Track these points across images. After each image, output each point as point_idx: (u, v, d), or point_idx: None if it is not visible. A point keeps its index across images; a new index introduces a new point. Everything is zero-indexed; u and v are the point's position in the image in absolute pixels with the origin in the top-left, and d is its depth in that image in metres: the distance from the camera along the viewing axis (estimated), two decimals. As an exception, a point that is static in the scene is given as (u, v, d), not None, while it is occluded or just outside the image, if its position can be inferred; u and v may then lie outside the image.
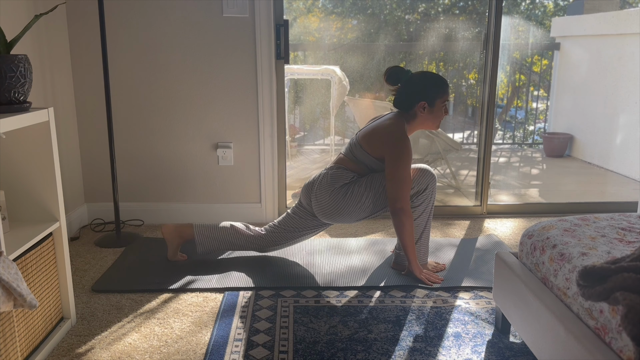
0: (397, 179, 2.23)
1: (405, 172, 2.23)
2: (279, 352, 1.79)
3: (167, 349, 1.82)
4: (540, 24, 6.18)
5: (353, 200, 2.31)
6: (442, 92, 2.31)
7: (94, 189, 3.09)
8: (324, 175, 2.39)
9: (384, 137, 2.30)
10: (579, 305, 1.44)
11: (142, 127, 3.02)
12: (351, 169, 2.38)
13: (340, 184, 2.33)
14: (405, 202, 2.23)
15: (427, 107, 2.31)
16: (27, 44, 2.44)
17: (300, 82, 4.83)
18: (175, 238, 2.49)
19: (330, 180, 2.35)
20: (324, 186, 2.35)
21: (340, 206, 2.33)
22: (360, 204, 2.32)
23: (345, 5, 5.16)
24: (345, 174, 2.35)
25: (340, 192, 2.32)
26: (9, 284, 1.34)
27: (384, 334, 1.91)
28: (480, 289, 2.27)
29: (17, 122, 1.60)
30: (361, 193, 2.30)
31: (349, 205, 2.32)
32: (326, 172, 2.39)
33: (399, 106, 2.36)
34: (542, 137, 5.74)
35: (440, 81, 2.33)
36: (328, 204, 2.34)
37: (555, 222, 1.79)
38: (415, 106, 2.31)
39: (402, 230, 2.25)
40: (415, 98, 2.30)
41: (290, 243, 2.54)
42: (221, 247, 2.47)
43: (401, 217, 2.23)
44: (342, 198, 2.32)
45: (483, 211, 3.28)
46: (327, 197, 2.34)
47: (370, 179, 2.33)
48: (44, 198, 1.83)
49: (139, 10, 2.87)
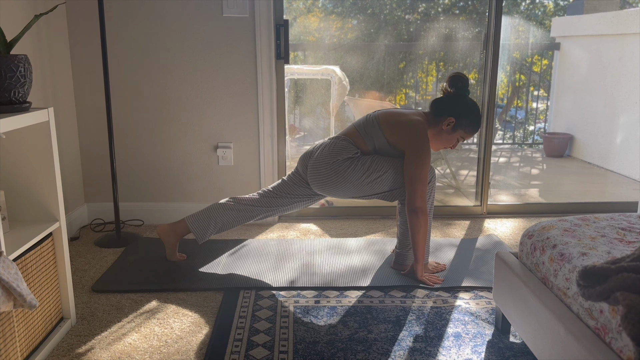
0: (417, 177, 2.23)
1: (425, 172, 2.25)
2: (279, 352, 1.79)
3: (167, 349, 1.82)
4: (540, 24, 6.17)
5: (352, 177, 2.28)
6: (471, 127, 2.35)
7: (94, 189, 3.09)
8: (327, 145, 2.36)
9: (411, 130, 2.29)
10: (579, 305, 1.44)
11: (142, 127, 3.02)
12: (357, 144, 2.35)
13: (344, 157, 2.30)
14: (424, 201, 2.24)
15: (452, 126, 2.32)
16: (27, 44, 2.44)
17: (300, 82, 4.83)
18: (171, 237, 2.48)
19: (333, 151, 2.32)
20: (324, 155, 2.33)
21: (337, 180, 2.30)
22: (358, 183, 2.29)
23: (345, 5, 5.16)
24: (350, 148, 2.32)
25: (341, 165, 2.29)
26: (9, 284, 1.34)
27: (384, 334, 1.91)
28: (480, 289, 2.27)
29: (17, 122, 1.60)
30: (362, 172, 2.28)
31: (347, 181, 2.29)
32: (330, 142, 2.36)
33: (435, 105, 2.36)
34: (542, 137, 5.74)
35: (477, 120, 2.36)
36: (325, 175, 2.31)
37: (555, 222, 1.79)
38: (446, 118, 2.32)
39: (417, 230, 2.24)
40: (452, 111, 2.32)
41: (282, 210, 2.48)
42: (217, 228, 2.44)
43: (419, 216, 2.23)
44: (342, 172, 2.29)
45: (483, 211, 3.28)
46: (326, 168, 2.31)
47: (374, 161, 2.30)
48: (44, 198, 1.83)
49: (139, 11, 2.87)
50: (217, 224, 2.44)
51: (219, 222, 2.44)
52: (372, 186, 2.31)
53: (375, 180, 2.29)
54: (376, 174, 2.29)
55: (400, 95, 5.33)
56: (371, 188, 2.31)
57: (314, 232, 2.99)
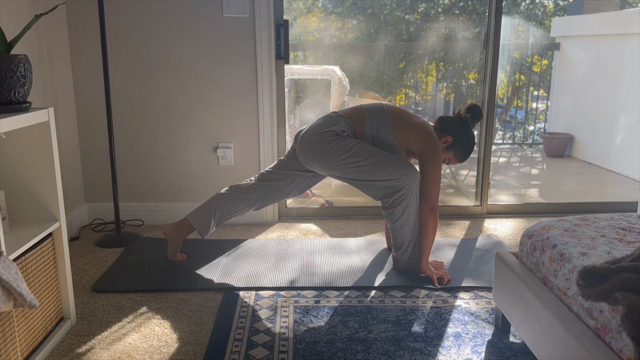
0: (435, 178, 2.29)
1: (439, 172, 2.30)
2: (279, 352, 1.79)
3: (167, 349, 1.82)
4: (540, 24, 6.17)
5: (332, 153, 2.28)
6: (461, 154, 2.44)
7: (94, 189, 3.09)
8: (320, 118, 2.40)
9: (426, 134, 2.33)
10: (579, 305, 1.44)
11: (142, 127, 3.02)
12: (354, 125, 2.36)
13: (332, 130, 2.31)
14: (437, 202, 2.30)
15: (447, 145, 2.40)
16: (27, 44, 2.44)
17: (300, 82, 4.83)
18: (176, 236, 2.49)
19: (323, 123, 2.35)
20: (315, 126, 2.36)
21: (318, 151, 2.30)
22: (335, 161, 2.28)
23: (345, 5, 5.16)
24: (341, 124, 2.33)
25: (326, 137, 2.30)
26: (9, 284, 1.34)
27: (384, 334, 1.91)
28: (480, 289, 2.27)
29: (17, 122, 1.60)
30: (342, 152, 2.27)
31: (325, 155, 2.29)
32: (325, 116, 2.39)
33: (442, 121, 2.45)
34: (542, 137, 5.74)
35: (469, 150, 2.45)
36: (310, 144, 2.32)
37: (555, 222, 1.79)
38: (446, 135, 2.40)
39: (427, 230, 2.29)
40: (454, 133, 2.40)
41: (279, 194, 2.48)
42: (217, 219, 2.44)
43: (430, 216, 2.28)
44: (325, 144, 2.29)
45: (483, 211, 3.28)
46: (313, 137, 2.33)
47: (359, 146, 2.29)
48: (44, 198, 1.83)
49: (139, 11, 2.87)
50: (217, 215, 2.44)
51: (219, 212, 2.44)
52: (345, 169, 2.29)
53: (351, 165, 2.28)
54: (354, 158, 2.27)
55: (400, 95, 5.33)
56: (345, 171, 2.30)
57: (314, 232, 2.99)
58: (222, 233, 2.96)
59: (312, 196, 3.61)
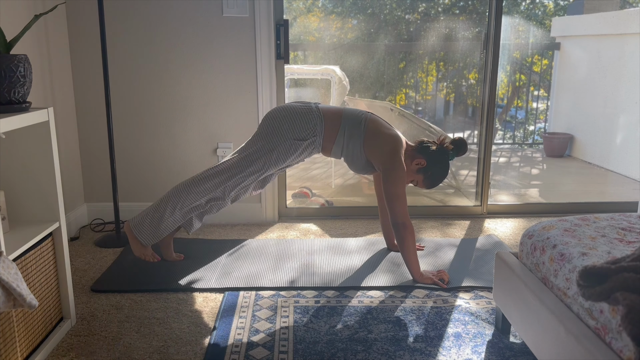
0: (392, 195, 2.25)
1: (401, 189, 2.26)
2: (279, 352, 1.79)
3: (167, 349, 1.82)
4: (540, 24, 6.18)
5: (279, 133, 2.30)
6: (429, 180, 2.39)
7: (94, 189, 3.09)
8: (304, 107, 2.36)
9: (387, 152, 2.28)
10: (579, 305, 1.44)
11: (142, 127, 3.02)
12: (327, 131, 2.32)
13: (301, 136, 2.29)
14: (405, 217, 2.25)
15: (419, 168, 2.36)
16: (27, 44, 2.44)
17: (300, 82, 4.83)
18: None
19: (302, 119, 2.31)
20: (292, 119, 2.32)
21: (270, 135, 2.31)
22: (263, 151, 2.30)
23: (345, 5, 5.16)
24: (313, 130, 2.30)
25: (290, 113, 2.31)
26: (8, 284, 1.34)
27: (384, 334, 1.91)
28: (480, 289, 2.27)
29: (17, 122, 1.60)
30: (275, 145, 2.29)
31: (274, 136, 2.30)
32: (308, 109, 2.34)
33: (422, 145, 2.40)
34: (542, 137, 5.74)
35: (439, 180, 2.41)
36: (275, 115, 2.33)
37: (555, 222, 1.79)
38: (420, 157, 2.36)
39: (401, 245, 2.28)
40: (430, 159, 2.36)
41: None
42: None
43: (401, 232, 2.25)
44: (283, 119, 2.30)
45: (483, 211, 3.28)
46: (281, 111, 2.33)
47: (280, 153, 2.29)
48: (44, 198, 1.83)
49: (139, 11, 2.87)
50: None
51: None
52: (254, 144, 2.32)
53: (259, 148, 2.31)
54: (264, 149, 2.30)
55: (400, 95, 5.33)
56: (253, 145, 2.33)
57: (314, 232, 2.99)
58: (222, 233, 2.96)
59: (312, 196, 3.61)
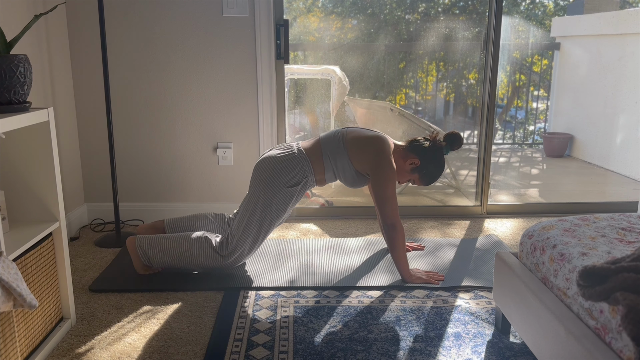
0: (383, 197, 2.26)
1: (391, 190, 2.26)
2: (279, 352, 1.79)
3: (167, 349, 1.82)
4: (540, 24, 6.18)
5: (265, 196, 2.27)
6: (426, 178, 2.38)
7: (94, 189, 3.09)
8: (285, 153, 2.32)
9: (372, 157, 2.28)
10: (579, 305, 1.44)
11: (142, 127, 3.02)
12: (314, 165, 2.30)
13: (287, 180, 2.27)
14: (395, 217, 2.26)
15: (413, 167, 2.35)
16: (27, 44, 2.44)
17: (300, 82, 4.83)
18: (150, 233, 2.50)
19: (285, 163, 2.28)
20: (274, 166, 2.29)
21: (261, 189, 2.28)
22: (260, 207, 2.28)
23: (345, 5, 5.16)
24: (300, 171, 2.28)
25: (276, 164, 2.27)
26: (8, 284, 1.34)
27: (384, 334, 1.91)
28: (480, 289, 2.27)
29: (17, 122, 1.60)
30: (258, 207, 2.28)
31: (268, 189, 2.27)
32: (290, 155, 2.30)
33: (413, 143, 2.39)
34: (542, 137, 5.74)
35: (435, 176, 2.39)
36: (263, 168, 2.30)
37: (555, 222, 1.79)
38: (413, 156, 2.35)
39: (391, 245, 2.29)
40: (423, 157, 2.35)
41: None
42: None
43: (390, 232, 2.27)
44: (272, 171, 2.27)
45: (483, 211, 3.28)
46: (267, 163, 2.30)
47: (272, 210, 2.28)
48: (44, 198, 1.83)
49: (139, 11, 2.87)
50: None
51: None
52: (252, 203, 2.30)
53: (253, 209, 2.28)
54: (259, 208, 2.27)
55: (400, 95, 5.33)
56: (251, 204, 2.30)
57: (314, 232, 2.99)
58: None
59: (312, 196, 3.61)
